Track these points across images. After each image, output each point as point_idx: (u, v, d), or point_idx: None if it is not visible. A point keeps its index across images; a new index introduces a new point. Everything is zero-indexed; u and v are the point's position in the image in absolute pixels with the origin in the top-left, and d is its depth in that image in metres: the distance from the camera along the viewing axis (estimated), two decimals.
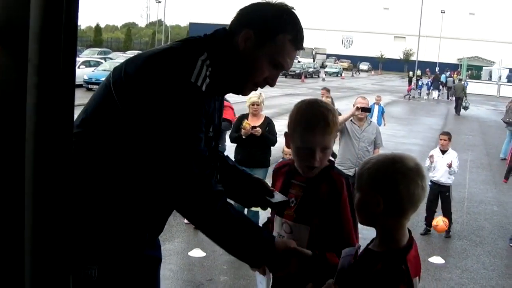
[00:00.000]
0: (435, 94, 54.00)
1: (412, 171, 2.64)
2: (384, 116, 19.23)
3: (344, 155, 10.36)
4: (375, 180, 2.67)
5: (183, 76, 2.72)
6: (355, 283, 2.68)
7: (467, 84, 51.59)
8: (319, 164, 3.37)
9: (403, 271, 2.55)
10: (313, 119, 3.33)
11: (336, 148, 10.64)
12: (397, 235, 2.69)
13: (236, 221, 2.82)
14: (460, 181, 12.34)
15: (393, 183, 2.62)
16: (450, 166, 11.26)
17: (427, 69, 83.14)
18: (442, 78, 61.17)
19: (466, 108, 39.01)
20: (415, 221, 11.60)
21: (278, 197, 3.33)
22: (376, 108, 18.64)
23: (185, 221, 10.31)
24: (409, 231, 2.78)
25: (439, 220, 11.10)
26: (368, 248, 2.79)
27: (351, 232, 3.30)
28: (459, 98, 39.74)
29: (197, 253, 9.35)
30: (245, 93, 3.07)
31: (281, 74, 3.24)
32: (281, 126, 4.01)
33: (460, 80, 50.46)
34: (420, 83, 58.09)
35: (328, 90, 16.40)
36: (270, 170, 7.20)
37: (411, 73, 64.77)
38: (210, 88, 2.78)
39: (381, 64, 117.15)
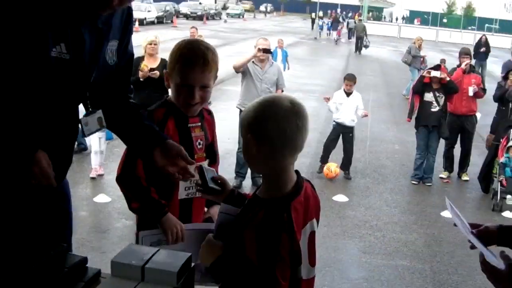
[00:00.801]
0: (335, 34, 54.25)
1: (284, 110, 2.57)
2: (288, 60, 19.07)
3: (246, 96, 10.25)
4: (248, 122, 2.62)
5: None
6: (238, 230, 2.63)
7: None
8: (199, 101, 3.49)
9: (283, 220, 2.50)
10: (193, 57, 3.41)
11: (238, 89, 10.58)
12: (281, 179, 2.63)
13: None
14: (362, 120, 12.44)
15: (262, 122, 2.57)
16: (366, 115, 11.63)
17: (333, 11, 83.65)
18: (341, 19, 64.56)
19: (366, 46, 40.29)
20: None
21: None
22: (279, 52, 18.36)
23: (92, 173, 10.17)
24: (298, 173, 2.74)
25: (329, 168, 11.22)
26: (255, 194, 2.73)
27: None
28: (360, 38, 40.95)
29: (102, 198, 9.20)
30: (112, 4, 2.67)
31: (182, 16, 3.03)
32: None
33: (360, 20, 53.29)
34: (321, 23, 58.93)
35: (196, 29, 16.63)
36: None
37: (313, 14, 65.95)
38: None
39: (283, 6, 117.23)
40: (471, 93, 11.89)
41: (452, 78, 11.62)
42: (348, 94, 11.43)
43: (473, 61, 15.79)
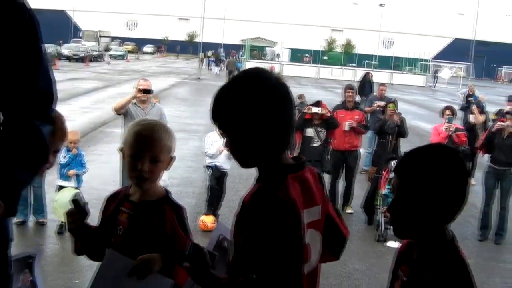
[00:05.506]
0: (216, 69, 66.47)
1: None
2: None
3: None
4: None
5: None
6: None
7: (244, 64, 59.67)
8: None
9: None
10: None
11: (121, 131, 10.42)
12: None
13: None
14: None
15: None
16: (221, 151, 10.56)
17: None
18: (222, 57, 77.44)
19: None
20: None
21: None
22: None
23: None
24: None
25: (205, 224, 10.53)
26: None
27: None
28: (231, 71, 49.22)
29: None
30: None
31: (65, 58, 2.95)
32: (66, 111, 3.87)
33: (233, 57, 68.10)
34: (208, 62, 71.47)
35: None
36: None
37: (201, 54, 69.90)
38: None
39: (165, 46, 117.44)
40: (346, 128, 12.18)
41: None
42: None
43: (358, 98, 16.22)
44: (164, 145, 3.36)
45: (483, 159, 12.73)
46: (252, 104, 2.58)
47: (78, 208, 3.33)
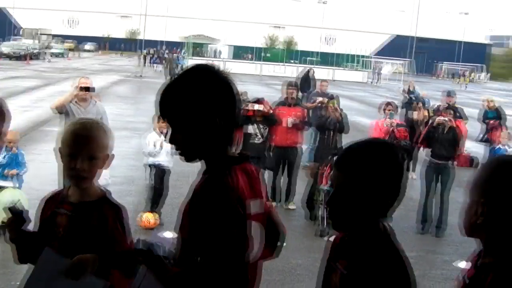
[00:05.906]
0: (159, 66, 67.06)
1: None
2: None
3: None
4: None
5: None
6: None
7: (185, 61, 62.41)
8: None
9: None
10: None
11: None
12: None
13: None
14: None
15: None
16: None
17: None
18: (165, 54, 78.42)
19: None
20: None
21: None
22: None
23: None
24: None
25: (148, 220, 10.51)
26: None
27: None
28: (172, 69, 51.08)
29: None
30: None
31: (5, 56, 2.93)
32: None
33: (173, 53, 72.84)
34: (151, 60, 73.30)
35: None
36: None
37: (144, 51, 70.82)
38: None
39: (107, 44, 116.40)
40: (289, 125, 12.22)
41: None
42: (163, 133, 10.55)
43: (299, 94, 16.25)
44: (101, 143, 3.34)
45: (424, 153, 12.89)
46: (202, 99, 2.67)
47: (15, 216, 3.27)
